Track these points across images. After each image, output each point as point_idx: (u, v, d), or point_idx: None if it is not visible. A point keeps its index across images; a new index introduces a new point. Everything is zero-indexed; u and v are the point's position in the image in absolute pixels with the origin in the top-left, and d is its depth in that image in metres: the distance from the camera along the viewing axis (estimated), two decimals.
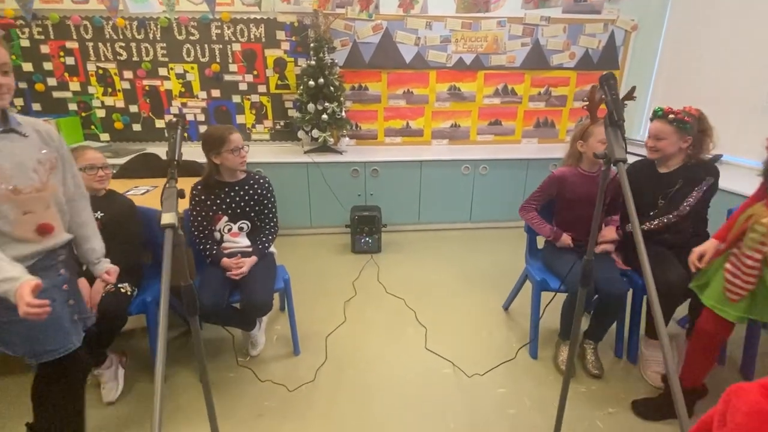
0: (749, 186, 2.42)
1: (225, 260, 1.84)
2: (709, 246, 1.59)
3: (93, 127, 3.71)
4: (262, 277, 1.84)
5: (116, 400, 1.76)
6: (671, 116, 1.78)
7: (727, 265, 1.48)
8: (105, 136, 3.74)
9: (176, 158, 0.95)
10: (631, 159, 2.73)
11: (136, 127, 3.74)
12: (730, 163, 3.08)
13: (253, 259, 1.87)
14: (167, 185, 0.90)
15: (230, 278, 1.81)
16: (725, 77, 3.14)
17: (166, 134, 1.17)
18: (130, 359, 1.95)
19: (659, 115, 1.81)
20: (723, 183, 2.48)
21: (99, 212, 1.76)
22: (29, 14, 3.10)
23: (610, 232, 1.99)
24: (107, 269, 1.49)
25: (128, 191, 2.36)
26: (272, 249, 2.03)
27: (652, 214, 1.89)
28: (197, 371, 1.92)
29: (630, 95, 3.41)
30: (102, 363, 1.77)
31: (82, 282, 1.64)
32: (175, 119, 1.04)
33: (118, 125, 3.71)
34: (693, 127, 1.78)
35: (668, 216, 1.85)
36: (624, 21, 3.83)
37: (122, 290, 1.76)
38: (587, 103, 3.29)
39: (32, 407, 1.35)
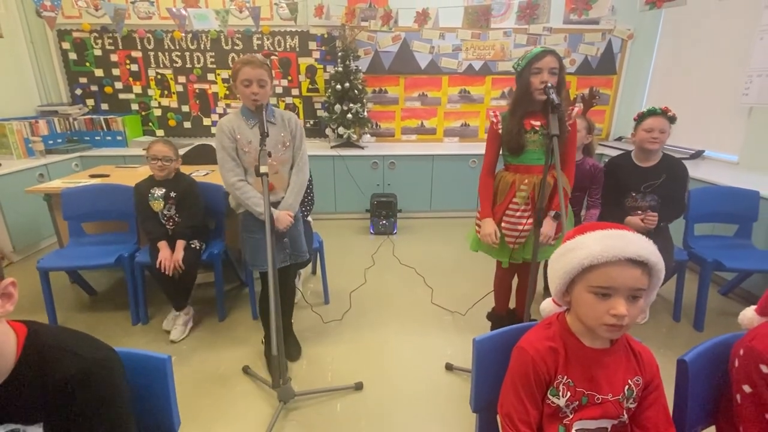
0: (728, 177, 2.80)
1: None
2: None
3: (151, 124, 4.33)
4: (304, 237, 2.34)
5: (178, 340, 2.21)
6: (670, 114, 2.13)
7: (503, 224, 1.81)
8: (160, 132, 4.35)
9: (265, 130, 1.45)
10: (615, 153, 3.13)
11: (187, 124, 4.34)
12: (712, 157, 3.45)
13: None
14: (261, 148, 1.40)
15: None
16: (709, 82, 3.51)
17: (254, 109, 1.63)
18: (196, 306, 2.49)
19: (659, 112, 2.13)
20: (705, 175, 2.87)
21: (173, 192, 2.29)
22: (120, 31, 3.72)
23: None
24: (283, 212, 1.78)
25: (191, 173, 2.90)
26: (309, 218, 2.53)
27: (636, 195, 2.21)
28: (249, 312, 2.43)
29: (593, 95, 3.94)
30: (183, 308, 2.27)
31: (162, 244, 2.18)
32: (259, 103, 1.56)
33: (172, 122, 4.32)
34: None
35: (655, 202, 2.17)
36: (621, 30, 4.22)
37: (193, 246, 2.29)
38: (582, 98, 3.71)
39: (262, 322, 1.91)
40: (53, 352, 0.73)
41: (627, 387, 0.85)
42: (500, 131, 1.77)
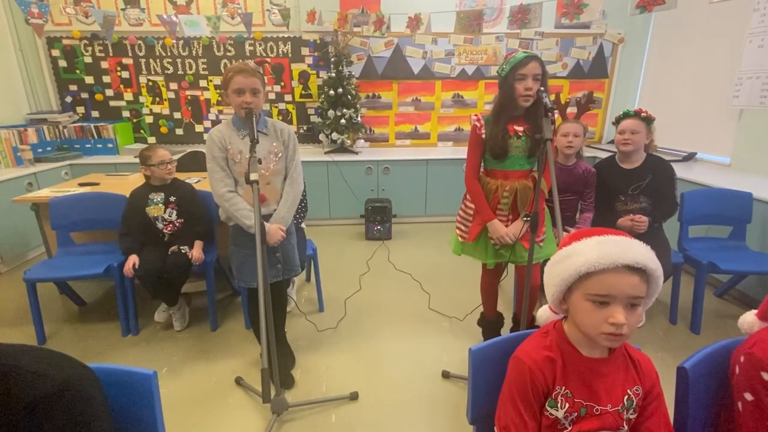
0: (721, 179, 2.81)
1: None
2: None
3: (142, 131, 4.28)
4: (297, 245, 2.30)
5: (183, 328, 2.36)
6: (643, 114, 2.16)
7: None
8: (152, 139, 4.30)
9: (255, 137, 1.42)
10: (605, 155, 3.15)
11: (179, 131, 4.30)
12: (704, 159, 3.47)
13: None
14: (251, 155, 1.37)
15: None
16: (700, 85, 3.53)
17: (244, 116, 1.59)
18: (193, 311, 2.45)
19: (632, 114, 2.17)
20: (698, 177, 2.88)
21: (172, 196, 2.26)
22: (110, 38, 3.70)
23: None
24: (275, 226, 1.74)
25: (184, 180, 2.87)
26: (303, 225, 2.51)
27: (625, 198, 2.22)
28: (242, 322, 2.39)
29: (591, 100, 3.93)
30: (175, 304, 2.29)
31: (133, 256, 2.14)
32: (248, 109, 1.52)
33: (164, 129, 4.27)
34: (653, 126, 2.19)
35: (647, 203, 2.18)
36: (612, 35, 4.25)
37: (183, 252, 2.25)
38: (556, 106, 3.77)
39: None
40: (17, 373, 0.67)
41: (626, 397, 0.83)
42: (483, 136, 1.76)
